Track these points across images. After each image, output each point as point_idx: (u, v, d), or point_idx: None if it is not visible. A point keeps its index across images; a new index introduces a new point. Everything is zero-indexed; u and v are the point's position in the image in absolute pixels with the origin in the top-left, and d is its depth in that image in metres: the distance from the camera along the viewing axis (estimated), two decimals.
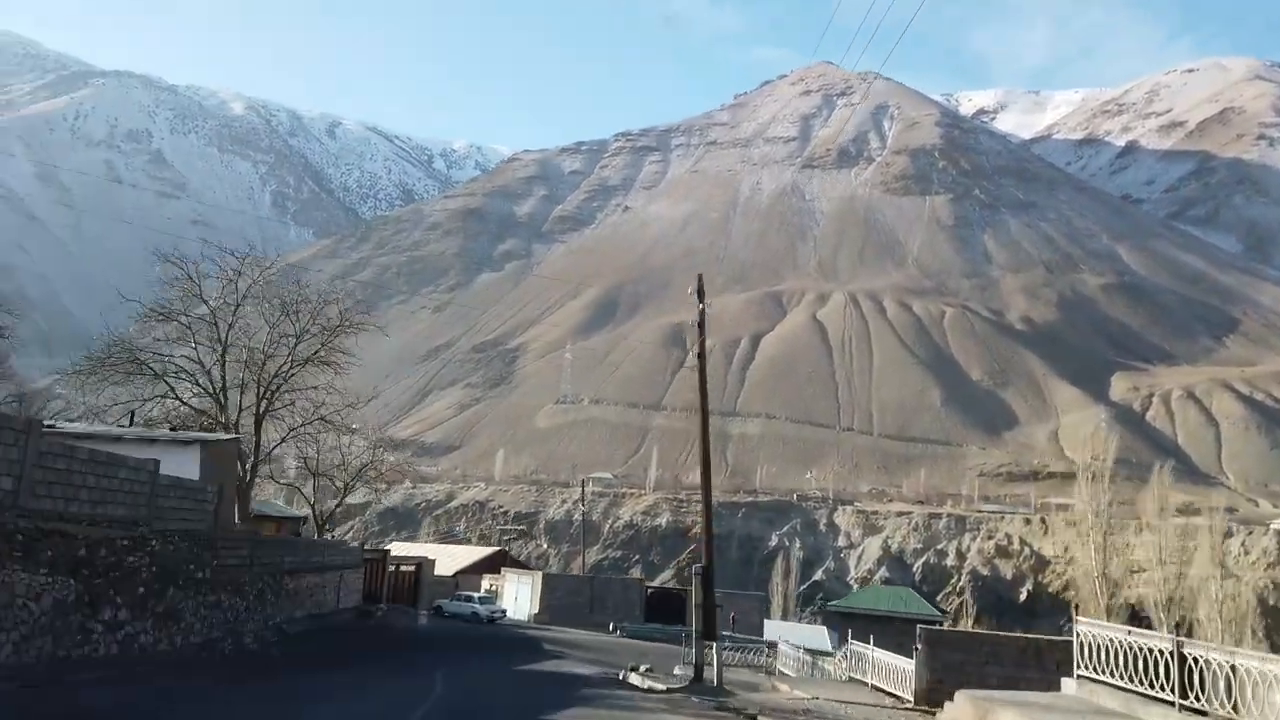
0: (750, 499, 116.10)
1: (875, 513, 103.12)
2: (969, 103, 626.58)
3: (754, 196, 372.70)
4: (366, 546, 51.64)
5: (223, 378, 28.35)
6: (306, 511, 44.57)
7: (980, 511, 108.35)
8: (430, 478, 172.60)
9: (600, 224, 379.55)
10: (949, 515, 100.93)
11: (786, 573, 78.96)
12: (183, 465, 16.96)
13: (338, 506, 46.17)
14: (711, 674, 17.49)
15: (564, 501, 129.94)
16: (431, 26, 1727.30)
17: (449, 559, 61.65)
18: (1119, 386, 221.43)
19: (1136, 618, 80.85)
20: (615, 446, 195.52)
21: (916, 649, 13.97)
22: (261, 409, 29.54)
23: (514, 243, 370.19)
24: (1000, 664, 13.53)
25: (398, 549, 64.99)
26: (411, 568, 50.54)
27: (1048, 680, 12.80)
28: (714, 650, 17.81)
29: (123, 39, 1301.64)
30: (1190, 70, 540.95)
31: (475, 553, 67.01)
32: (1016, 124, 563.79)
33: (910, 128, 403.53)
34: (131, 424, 25.04)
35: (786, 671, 24.18)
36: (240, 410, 28.97)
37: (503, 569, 56.90)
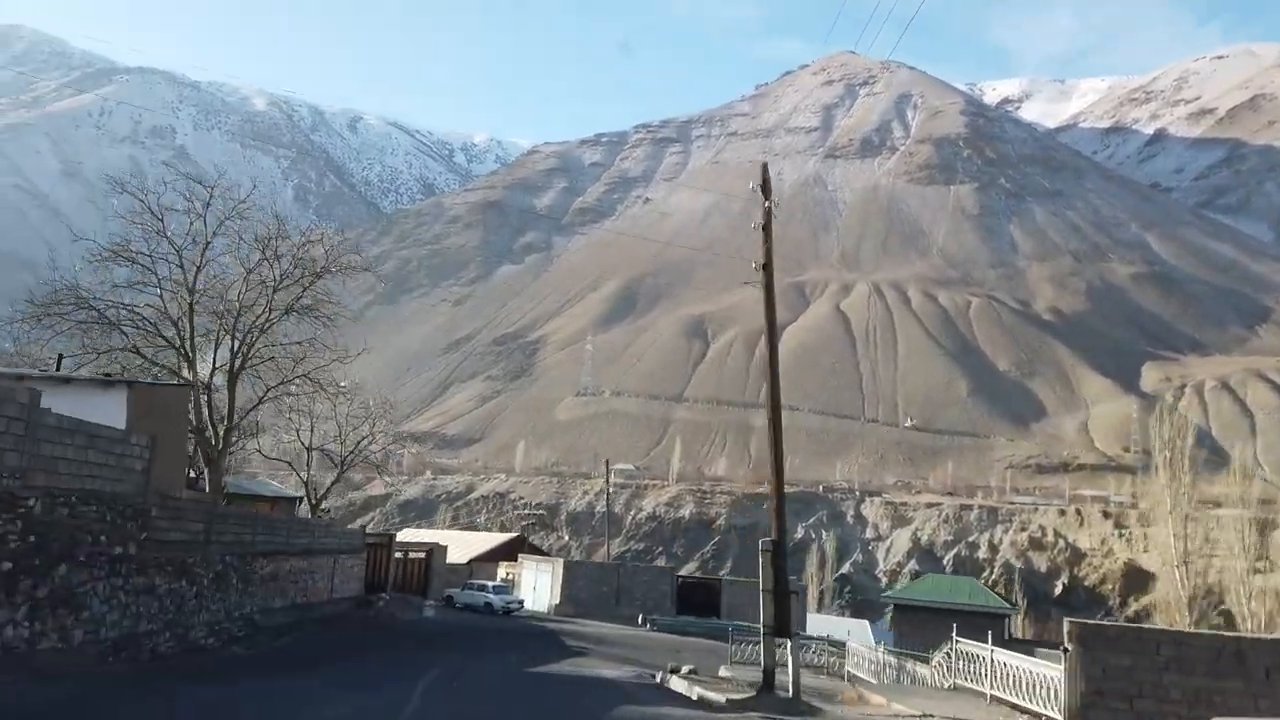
0: None
1: (904, 504, 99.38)
2: (993, 92, 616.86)
3: (775, 187, 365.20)
4: (370, 530, 48.37)
5: (190, 328, 24.86)
6: (303, 492, 40.89)
7: (1012, 503, 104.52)
8: (451, 470, 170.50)
9: (620, 216, 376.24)
10: (980, 507, 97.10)
11: (821, 564, 75.25)
12: (103, 411, 13.71)
13: (335, 482, 42.55)
14: (786, 680, 13.85)
15: (585, 493, 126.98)
16: (449, 22, 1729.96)
17: (463, 546, 57.39)
18: (1150, 377, 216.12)
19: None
20: (636, 439, 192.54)
21: (1065, 650, 10.51)
22: (236, 365, 26.07)
23: (534, 235, 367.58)
24: (1185, 671, 10.00)
25: (409, 535, 61.44)
26: (421, 555, 46.80)
27: (1255, 694, 9.43)
28: (789, 650, 14.16)
29: (147, 37, 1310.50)
30: (1220, 57, 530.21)
31: (491, 539, 62.58)
32: (1042, 113, 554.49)
33: (934, 116, 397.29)
34: (58, 370, 21.85)
35: (862, 676, 20.35)
36: (214, 368, 26.12)
37: (520, 556, 52.39)
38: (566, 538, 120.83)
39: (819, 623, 47.82)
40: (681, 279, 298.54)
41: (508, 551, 55.07)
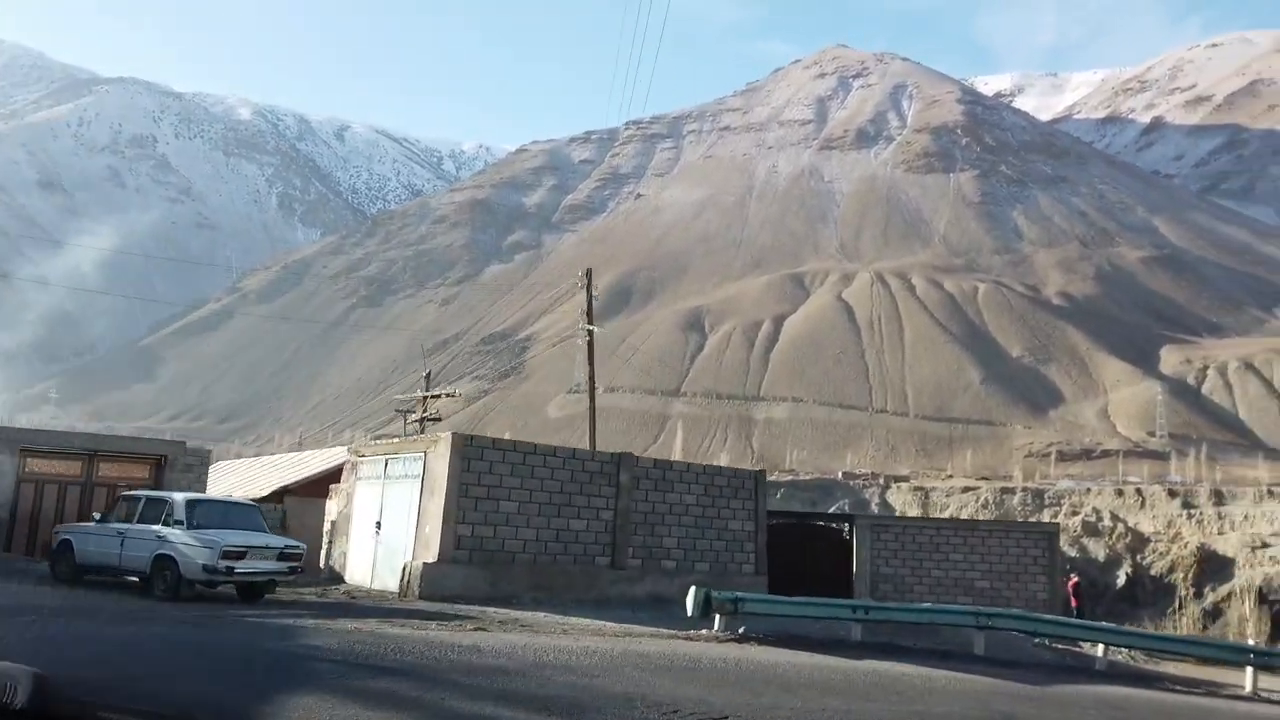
0: (790, 478, 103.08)
1: (935, 489, 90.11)
2: (984, 86, 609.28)
3: (770, 180, 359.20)
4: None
5: None
6: None
7: (1052, 483, 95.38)
8: None
9: (612, 212, 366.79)
10: (1024, 489, 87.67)
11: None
12: None
13: None
14: None
15: None
16: (436, 31, 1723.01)
17: (290, 471, 30.67)
18: (1170, 360, 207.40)
19: (1266, 601, 66.72)
20: (633, 435, 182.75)
21: None
22: None
23: (523, 233, 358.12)
24: None
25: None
26: (140, 470, 21.29)
27: None
28: None
29: (130, 49, 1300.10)
30: (1214, 45, 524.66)
31: (329, 457, 30.91)
32: (1035, 106, 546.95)
33: (930, 106, 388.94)
34: None
35: None
36: None
37: (353, 461, 22.00)
38: None
39: None
40: (676, 273, 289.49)
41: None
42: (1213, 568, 71.64)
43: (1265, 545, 73.94)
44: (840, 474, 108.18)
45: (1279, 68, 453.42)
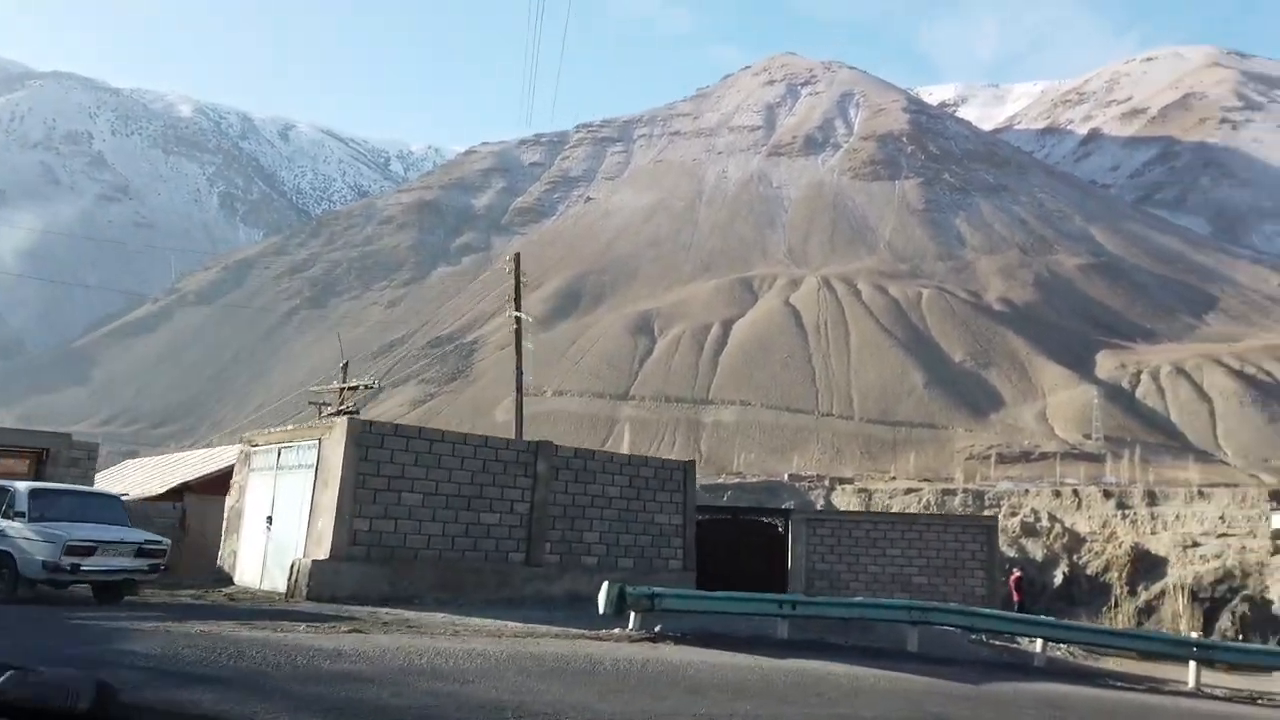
0: (737, 480, 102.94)
1: (879, 491, 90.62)
2: (929, 97, 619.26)
3: (720, 185, 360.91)
4: None
5: None
6: None
7: (992, 484, 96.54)
8: None
9: (562, 215, 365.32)
10: (965, 490, 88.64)
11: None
12: None
13: None
14: None
15: None
16: (384, 31, 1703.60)
17: (195, 468, 26.99)
18: (1106, 364, 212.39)
19: (1197, 599, 67.74)
20: (581, 438, 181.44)
21: None
22: None
23: (472, 236, 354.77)
24: None
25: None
26: None
27: None
28: None
29: (66, 44, 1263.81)
30: (1149, 59, 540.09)
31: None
32: (978, 116, 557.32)
33: (877, 114, 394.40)
34: None
35: None
36: None
37: (246, 451, 20.34)
38: None
39: None
40: (626, 276, 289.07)
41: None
42: (1146, 566, 73.06)
43: (1196, 544, 75.68)
44: (786, 476, 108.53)
45: (1209, 82, 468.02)
